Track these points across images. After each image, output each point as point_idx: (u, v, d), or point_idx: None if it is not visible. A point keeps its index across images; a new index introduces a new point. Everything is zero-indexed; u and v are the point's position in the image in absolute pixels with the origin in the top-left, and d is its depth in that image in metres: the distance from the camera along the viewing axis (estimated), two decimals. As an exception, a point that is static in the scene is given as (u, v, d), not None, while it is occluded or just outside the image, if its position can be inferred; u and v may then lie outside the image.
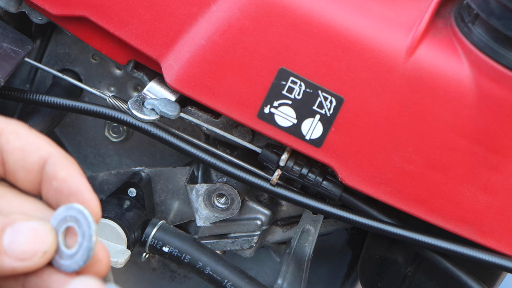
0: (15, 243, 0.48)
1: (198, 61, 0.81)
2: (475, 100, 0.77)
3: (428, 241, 0.84)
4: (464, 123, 0.78)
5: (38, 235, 0.49)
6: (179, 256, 0.92)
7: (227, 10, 0.80)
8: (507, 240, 0.82)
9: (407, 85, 0.78)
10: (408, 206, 0.82)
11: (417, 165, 0.80)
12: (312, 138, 0.81)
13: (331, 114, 0.80)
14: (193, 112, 0.88)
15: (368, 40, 0.78)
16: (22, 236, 0.48)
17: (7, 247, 0.48)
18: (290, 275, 1.01)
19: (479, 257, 0.82)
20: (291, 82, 0.80)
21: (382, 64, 0.78)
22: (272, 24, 0.79)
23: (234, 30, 0.80)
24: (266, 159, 0.86)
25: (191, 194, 0.94)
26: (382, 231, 0.85)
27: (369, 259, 0.99)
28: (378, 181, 0.81)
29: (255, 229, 0.98)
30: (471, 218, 0.81)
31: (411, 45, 0.78)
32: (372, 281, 0.98)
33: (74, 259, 0.49)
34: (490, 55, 0.75)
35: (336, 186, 0.86)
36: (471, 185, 0.80)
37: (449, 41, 0.79)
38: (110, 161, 1.05)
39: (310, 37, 0.79)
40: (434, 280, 0.93)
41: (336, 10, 0.79)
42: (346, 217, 0.85)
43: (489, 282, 0.93)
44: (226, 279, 0.92)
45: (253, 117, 0.82)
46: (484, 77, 0.76)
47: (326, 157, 0.82)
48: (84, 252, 0.49)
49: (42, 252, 0.48)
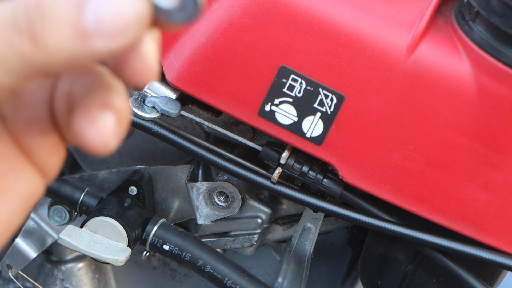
0: (101, 17, 0.36)
1: (199, 59, 0.81)
2: (475, 98, 0.77)
3: (428, 239, 0.84)
4: (464, 121, 0.78)
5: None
6: (180, 254, 0.92)
7: (228, 8, 0.80)
8: (507, 238, 0.82)
9: (407, 83, 0.78)
10: (408, 204, 0.82)
11: (418, 163, 0.80)
12: (312, 136, 0.81)
13: (331, 112, 0.80)
14: (194, 110, 0.88)
15: (369, 38, 0.79)
16: (107, 7, 0.36)
17: (94, 26, 0.36)
18: (291, 274, 1.01)
19: (479, 255, 0.82)
20: (292, 80, 0.80)
21: (382, 62, 0.78)
22: (273, 22, 0.79)
23: (235, 28, 0.80)
24: (267, 157, 0.86)
25: (191, 192, 0.94)
26: (382, 229, 0.85)
27: (369, 257, 0.99)
28: (378, 179, 0.81)
29: (255, 227, 0.98)
30: (472, 216, 0.81)
31: (411, 43, 0.78)
32: (373, 280, 0.98)
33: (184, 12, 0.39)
34: (490, 53, 0.76)
35: (337, 184, 0.86)
36: (472, 183, 0.80)
37: (450, 39, 0.79)
38: (110, 160, 1.05)
39: (311, 35, 0.79)
40: (434, 278, 0.93)
41: (337, 8, 0.79)
42: (346, 215, 0.85)
43: (490, 280, 0.93)
44: (227, 277, 0.92)
45: (254, 115, 0.82)
46: (485, 75, 0.77)
47: (327, 155, 0.82)
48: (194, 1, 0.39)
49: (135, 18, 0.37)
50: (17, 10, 0.37)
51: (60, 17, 0.36)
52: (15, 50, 0.36)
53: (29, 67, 0.37)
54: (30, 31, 0.36)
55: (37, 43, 0.36)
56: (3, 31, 0.37)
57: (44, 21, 0.36)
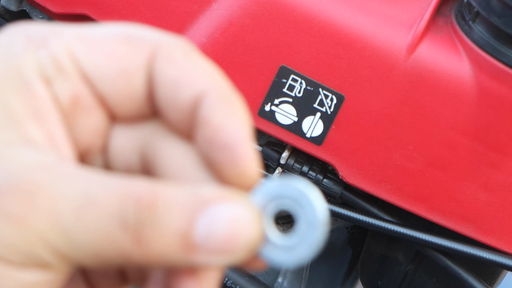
0: (213, 235, 0.35)
1: (199, 59, 0.81)
2: (475, 98, 0.77)
3: (428, 239, 0.84)
4: (464, 121, 0.78)
5: (241, 221, 0.35)
6: (180, 254, 0.92)
7: (228, 8, 0.80)
8: (507, 238, 0.82)
9: (407, 83, 0.78)
10: (408, 204, 0.82)
11: (418, 163, 0.80)
12: (312, 136, 0.81)
13: (331, 112, 0.80)
14: (194, 110, 0.88)
15: (369, 38, 0.79)
16: (221, 225, 0.35)
17: (204, 241, 0.35)
18: (291, 274, 1.01)
19: (479, 255, 0.82)
20: (291, 80, 0.80)
21: (382, 62, 0.78)
22: (273, 22, 0.79)
23: (235, 28, 0.80)
24: (267, 157, 0.86)
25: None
26: (382, 229, 0.85)
27: (369, 257, 0.99)
28: (378, 179, 0.81)
29: (255, 228, 0.98)
30: (472, 216, 0.81)
31: (411, 43, 0.78)
32: (373, 280, 0.98)
33: (293, 252, 0.37)
34: (491, 53, 0.76)
35: (337, 184, 0.86)
36: (472, 183, 0.80)
37: (450, 39, 0.79)
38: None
39: (311, 35, 0.79)
40: (434, 278, 0.93)
41: (337, 8, 0.79)
42: (346, 215, 0.85)
43: (490, 280, 0.93)
44: (227, 277, 0.92)
45: (254, 115, 0.82)
46: (485, 75, 0.77)
47: (327, 155, 0.82)
48: (307, 245, 0.36)
49: (245, 244, 0.35)
50: (127, 205, 0.34)
51: (172, 225, 0.35)
52: (114, 243, 0.34)
53: (121, 260, 0.35)
54: (137, 231, 0.34)
55: (141, 245, 0.34)
56: (106, 220, 0.34)
57: (154, 224, 0.34)
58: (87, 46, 0.38)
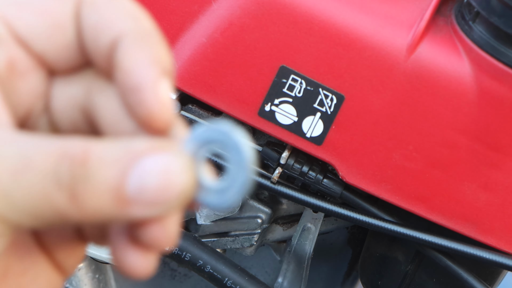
0: (145, 187, 0.35)
1: (199, 59, 0.81)
2: (475, 98, 0.77)
3: (428, 239, 0.84)
4: (464, 121, 0.78)
5: (173, 172, 0.35)
6: (180, 254, 0.92)
7: (228, 8, 0.80)
8: (507, 238, 0.82)
9: (407, 83, 0.78)
10: (408, 204, 0.82)
11: (418, 163, 0.80)
12: (312, 136, 0.81)
13: (331, 112, 0.80)
14: (194, 110, 0.88)
15: (369, 38, 0.79)
16: (152, 177, 0.35)
17: (136, 194, 0.35)
18: (291, 274, 1.01)
19: (479, 255, 0.83)
20: (292, 80, 0.80)
21: (383, 62, 0.78)
22: (273, 22, 0.79)
23: (235, 28, 0.80)
24: (267, 157, 0.86)
25: (191, 192, 0.94)
26: (382, 229, 0.85)
27: (369, 257, 0.99)
28: (378, 179, 0.81)
29: (255, 227, 0.98)
30: (472, 216, 0.81)
31: (411, 43, 0.78)
32: (373, 280, 0.98)
33: (226, 194, 0.37)
34: (490, 53, 0.76)
35: (337, 184, 0.86)
36: (472, 183, 0.80)
37: (450, 39, 0.79)
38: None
39: (311, 35, 0.79)
40: (434, 278, 0.93)
41: (337, 8, 0.80)
42: (346, 215, 0.85)
43: (490, 280, 0.93)
44: (227, 277, 0.92)
45: (254, 115, 0.82)
46: (485, 75, 0.77)
47: (327, 155, 0.82)
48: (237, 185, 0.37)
49: (178, 194, 0.36)
50: (61, 163, 0.35)
51: (104, 181, 0.35)
52: (50, 202, 0.35)
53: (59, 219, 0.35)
54: (71, 189, 0.35)
55: (76, 202, 0.35)
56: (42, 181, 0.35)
57: (87, 181, 0.35)
58: (18, 9, 0.38)
